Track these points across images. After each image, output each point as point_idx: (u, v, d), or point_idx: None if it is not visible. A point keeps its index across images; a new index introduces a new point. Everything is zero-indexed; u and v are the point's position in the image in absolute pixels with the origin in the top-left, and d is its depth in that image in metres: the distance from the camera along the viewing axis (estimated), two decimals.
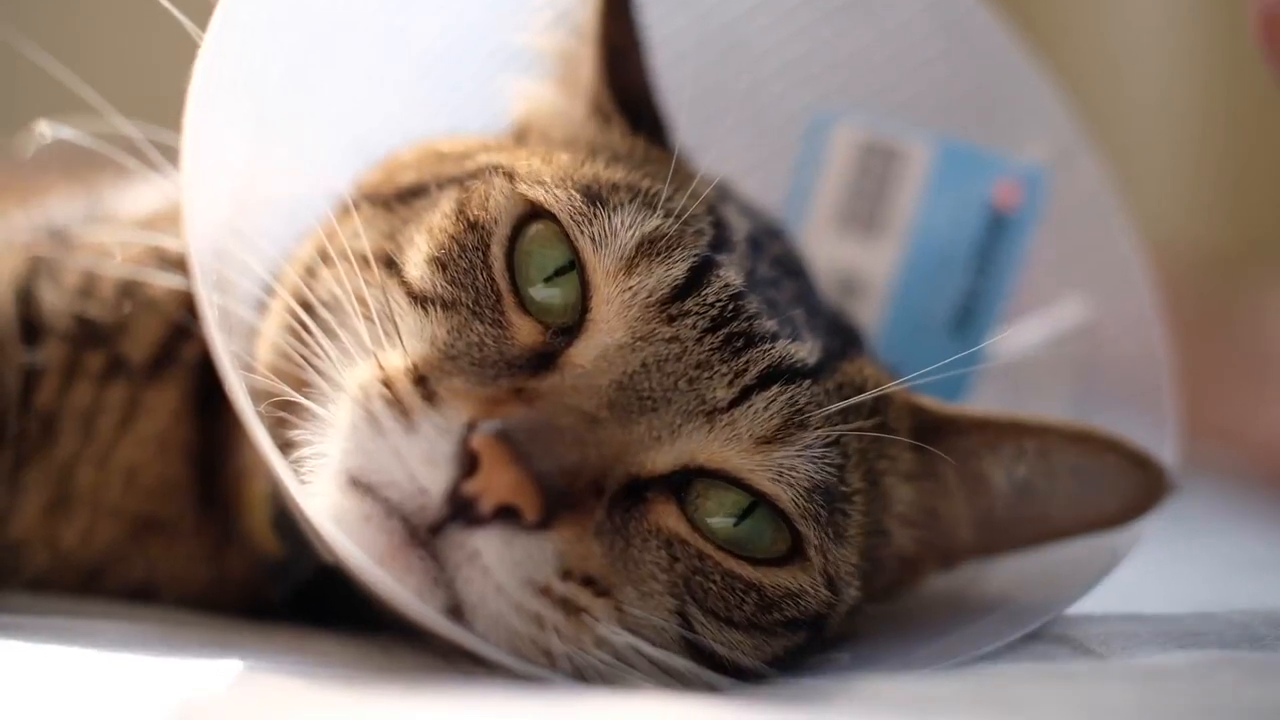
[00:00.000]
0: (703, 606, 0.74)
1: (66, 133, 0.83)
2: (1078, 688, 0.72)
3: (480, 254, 0.77)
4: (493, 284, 0.76)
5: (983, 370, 0.99)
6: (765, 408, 0.75)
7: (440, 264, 0.77)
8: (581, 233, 0.76)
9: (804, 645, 0.79)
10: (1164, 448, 0.87)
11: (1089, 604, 0.84)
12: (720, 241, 0.79)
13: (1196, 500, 0.90)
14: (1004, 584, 0.89)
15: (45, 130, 0.85)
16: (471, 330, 0.74)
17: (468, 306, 0.75)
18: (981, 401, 0.98)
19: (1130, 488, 0.82)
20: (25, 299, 0.91)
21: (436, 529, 0.68)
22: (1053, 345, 1.01)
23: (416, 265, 0.77)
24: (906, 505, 0.84)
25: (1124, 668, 0.75)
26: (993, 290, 1.00)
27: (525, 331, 0.75)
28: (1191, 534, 1.05)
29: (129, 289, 0.92)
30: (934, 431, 0.83)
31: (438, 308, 0.75)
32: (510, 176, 0.79)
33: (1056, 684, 0.73)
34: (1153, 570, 0.89)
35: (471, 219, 0.78)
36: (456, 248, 0.77)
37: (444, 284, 0.76)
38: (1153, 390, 0.92)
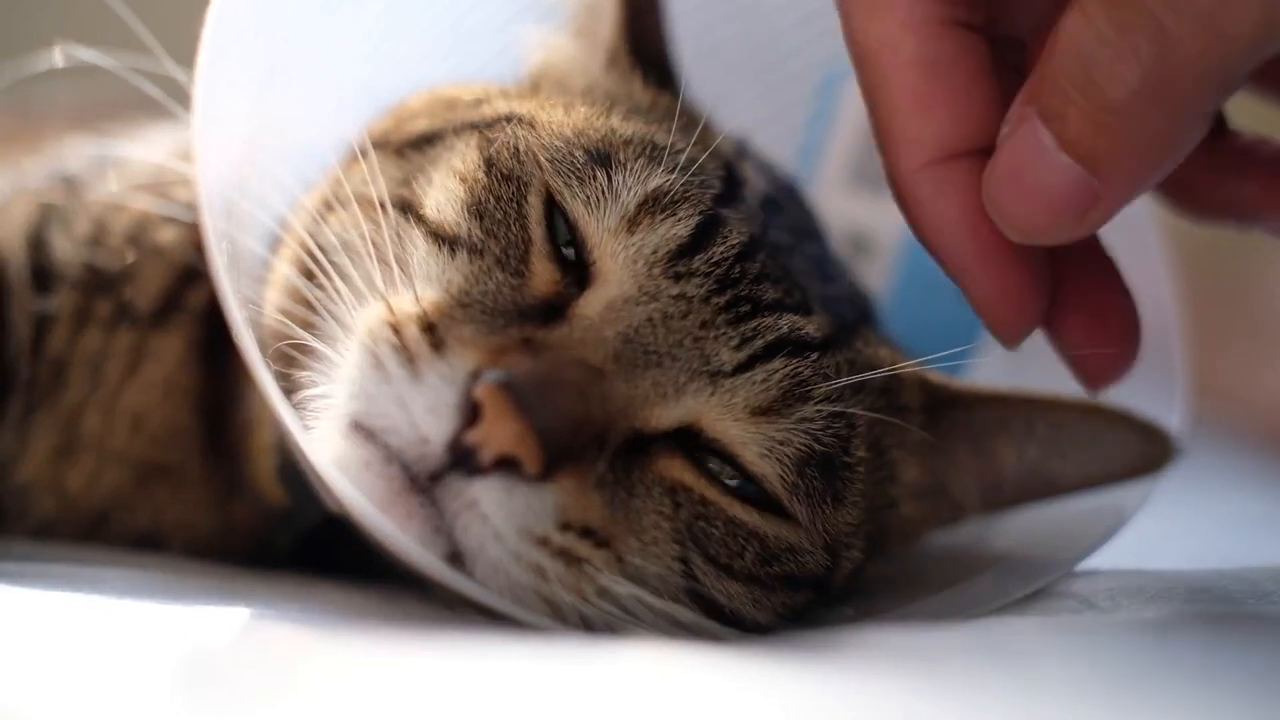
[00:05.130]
0: (704, 554, 0.74)
1: (86, 54, 0.83)
2: (1081, 640, 0.71)
3: (515, 204, 0.76)
4: (525, 233, 0.76)
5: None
6: (765, 379, 0.74)
7: (473, 212, 0.76)
8: (574, 196, 0.76)
9: (807, 604, 0.79)
10: (1173, 409, 0.87)
11: (1093, 560, 0.84)
12: (730, 197, 0.79)
13: (1201, 459, 0.90)
14: (1010, 543, 0.89)
15: (60, 54, 0.84)
16: (491, 278, 0.74)
17: (494, 255, 0.75)
18: (991, 362, 0.97)
19: (1137, 455, 0.82)
20: (37, 246, 0.92)
21: (436, 477, 0.68)
22: None
23: (441, 210, 0.77)
24: (914, 478, 0.84)
25: (1128, 622, 0.75)
26: None
27: (542, 280, 0.75)
28: (1197, 492, 1.05)
29: (135, 237, 0.92)
30: (944, 407, 0.83)
31: (464, 252, 0.75)
32: (532, 125, 0.79)
33: (1060, 636, 0.73)
34: (1158, 527, 0.89)
35: (505, 171, 0.77)
36: (490, 198, 0.76)
37: (476, 231, 0.75)
38: (1162, 351, 0.91)
